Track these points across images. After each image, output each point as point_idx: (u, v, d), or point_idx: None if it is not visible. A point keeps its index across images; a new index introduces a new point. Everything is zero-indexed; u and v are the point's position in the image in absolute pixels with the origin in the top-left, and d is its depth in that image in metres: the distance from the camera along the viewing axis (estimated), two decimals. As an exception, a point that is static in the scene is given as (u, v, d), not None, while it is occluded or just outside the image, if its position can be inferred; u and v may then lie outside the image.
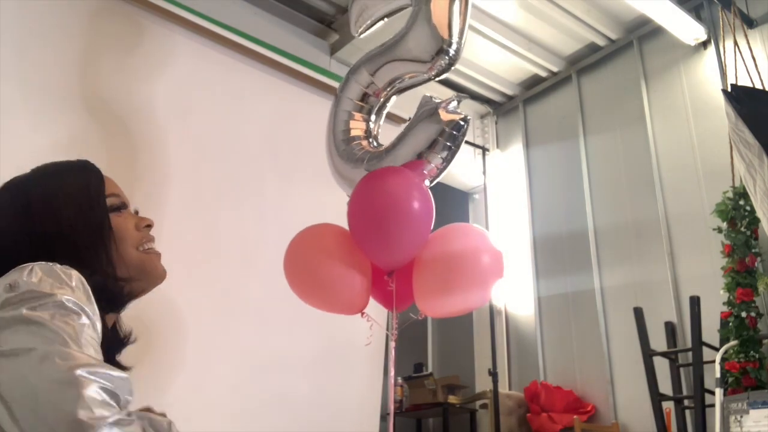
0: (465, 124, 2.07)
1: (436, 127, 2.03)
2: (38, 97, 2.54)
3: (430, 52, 2.08)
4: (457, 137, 2.06)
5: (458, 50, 2.11)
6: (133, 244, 0.99)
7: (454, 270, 1.92)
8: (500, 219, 4.98)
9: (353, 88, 2.25)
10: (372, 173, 2.02)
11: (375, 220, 1.93)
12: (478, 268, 1.93)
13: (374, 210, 1.93)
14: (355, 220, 1.97)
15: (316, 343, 2.96)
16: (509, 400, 4.24)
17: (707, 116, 3.92)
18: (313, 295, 2.07)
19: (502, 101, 5.31)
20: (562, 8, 4.26)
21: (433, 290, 1.95)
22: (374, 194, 1.94)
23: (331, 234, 2.05)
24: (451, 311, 2.10)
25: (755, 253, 3.22)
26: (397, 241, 1.93)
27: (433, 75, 2.14)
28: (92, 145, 2.62)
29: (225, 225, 2.92)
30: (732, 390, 3.00)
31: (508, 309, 4.85)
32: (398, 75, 2.19)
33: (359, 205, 1.95)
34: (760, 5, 3.84)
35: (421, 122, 2.07)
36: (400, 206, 1.91)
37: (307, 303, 2.09)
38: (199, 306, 2.66)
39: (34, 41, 2.58)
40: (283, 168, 3.19)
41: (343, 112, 2.26)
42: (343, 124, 2.25)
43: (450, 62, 2.10)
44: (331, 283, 2.00)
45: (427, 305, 1.99)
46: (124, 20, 2.86)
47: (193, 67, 3.04)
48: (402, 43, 2.15)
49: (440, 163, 2.08)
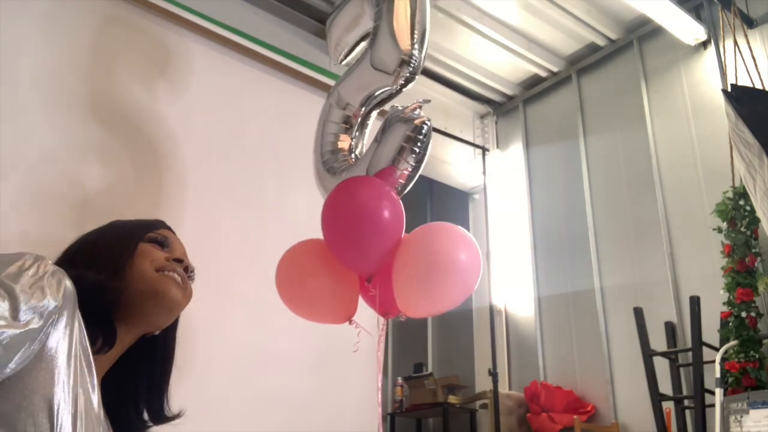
0: (426, 127, 2.14)
1: (401, 135, 2.12)
2: (39, 97, 2.54)
3: (393, 65, 2.19)
4: (422, 141, 2.13)
5: (419, 60, 2.20)
6: (152, 264, 0.98)
7: (430, 269, 1.93)
8: (500, 219, 4.98)
9: (334, 112, 2.38)
10: (340, 183, 2.08)
11: (343, 228, 1.98)
12: (454, 266, 1.94)
13: (342, 218, 1.98)
14: (327, 228, 2.02)
15: (316, 343, 2.96)
16: (509, 400, 4.24)
17: (707, 116, 3.92)
18: (304, 309, 2.15)
19: (502, 101, 5.30)
20: (562, 8, 4.26)
21: (411, 291, 1.97)
22: (341, 202, 1.99)
23: (315, 249, 2.10)
24: (432, 310, 2.15)
25: (755, 253, 3.22)
26: (367, 246, 1.97)
27: (399, 86, 2.23)
28: (92, 145, 2.62)
29: (225, 224, 2.92)
30: (732, 390, 3.00)
31: (508, 309, 4.85)
32: (369, 93, 2.29)
33: (328, 213, 2.01)
34: (760, 5, 3.84)
35: (387, 131, 2.16)
36: (367, 213, 1.95)
37: (299, 316, 2.16)
38: (199, 306, 2.65)
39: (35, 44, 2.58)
40: (283, 167, 3.20)
41: (329, 134, 2.40)
42: (330, 144, 2.38)
43: (413, 72, 2.20)
44: (318, 297, 2.08)
45: (408, 306, 2.01)
46: (124, 20, 2.86)
47: (193, 67, 3.04)
48: (365, 60, 2.25)
49: (409, 168, 2.15)
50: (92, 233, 1.03)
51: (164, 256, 1.00)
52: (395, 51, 2.19)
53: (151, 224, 1.06)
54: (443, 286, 1.93)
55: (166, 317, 1.00)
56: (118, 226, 1.05)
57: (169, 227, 1.10)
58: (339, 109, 2.36)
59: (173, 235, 1.08)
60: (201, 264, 2.88)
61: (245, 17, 3.62)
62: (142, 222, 1.06)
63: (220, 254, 2.83)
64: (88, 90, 2.69)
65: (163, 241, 1.03)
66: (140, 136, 2.78)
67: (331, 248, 2.02)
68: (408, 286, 1.96)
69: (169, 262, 1.00)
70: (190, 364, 2.57)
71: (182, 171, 2.85)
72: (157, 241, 1.02)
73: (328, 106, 2.41)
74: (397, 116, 2.15)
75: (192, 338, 2.61)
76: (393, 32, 2.20)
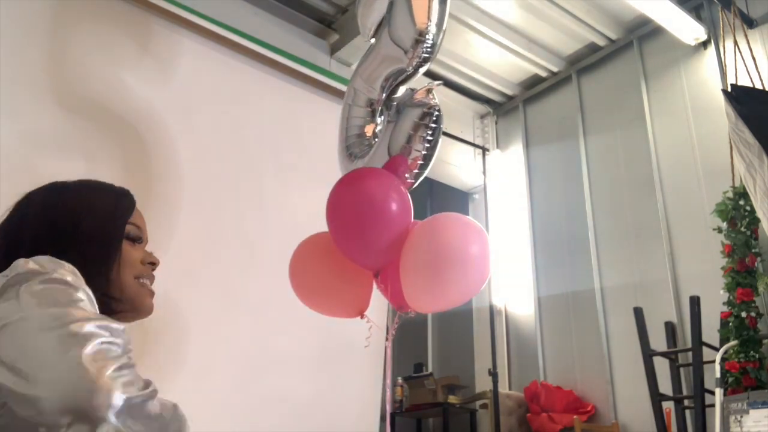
0: (438, 112, 2.07)
1: (410, 121, 2.05)
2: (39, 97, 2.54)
3: (409, 40, 2.09)
4: (434, 128, 2.05)
5: (436, 39, 2.12)
6: (132, 273, 1.03)
7: (437, 261, 1.85)
8: (500, 219, 4.98)
9: (359, 97, 2.29)
10: (343, 177, 2.02)
11: (346, 223, 1.92)
12: (463, 257, 1.87)
13: (344, 212, 1.92)
14: (331, 224, 1.96)
15: (316, 343, 2.96)
16: (509, 400, 4.24)
17: (707, 116, 3.92)
18: (316, 301, 2.12)
19: (502, 101, 5.31)
20: (562, 8, 4.26)
21: (419, 285, 1.91)
22: (343, 196, 1.94)
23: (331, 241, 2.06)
24: (441, 304, 2.06)
25: (755, 253, 3.22)
26: (371, 241, 1.91)
27: (414, 66, 2.14)
28: (91, 145, 2.62)
29: (225, 224, 2.92)
30: (732, 390, 3.00)
31: (508, 309, 4.85)
32: (387, 74, 2.20)
33: (332, 209, 1.95)
34: (760, 5, 3.84)
35: (400, 116, 2.09)
36: (369, 206, 1.89)
37: (311, 308, 2.13)
38: (199, 306, 2.66)
39: (33, 41, 2.58)
40: (283, 167, 3.19)
41: (355, 118, 2.29)
42: (355, 128, 2.28)
43: (429, 51, 2.11)
44: (332, 289, 2.05)
45: (416, 301, 1.95)
46: (124, 20, 2.86)
47: (193, 67, 3.04)
48: (383, 37, 2.16)
49: (420, 156, 2.06)
50: (69, 200, 1.01)
51: (140, 259, 1.05)
52: (413, 26, 2.07)
53: (127, 208, 1.07)
54: (451, 278, 1.87)
55: (137, 319, 1.07)
56: (95, 203, 1.03)
57: (135, 201, 1.10)
58: (362, 94, 2.27)
59: (140, 218, 1.09)
60: (201, 264, 2.88)
61: (245, 17, 3.62)
62: (118, 202, 1.06)
63: (220, 254, 2.83)
64: (85, 90, 2.68)
65: (137, 235, 1.07)
66: (139, 136, 2.78)
67: (336, 243, 1.98)
68: (413, 279, 1.90)
69: (144, 266, 1.05)
70: (189, 364, 2.57)
71: (181, 171, 2.85)
72: (132, 238, 1.05)
73: (352, 90, 2.32)
74: (407, 100, 2.10)
75: (192, 338, 2.62)
76: (412, 7, 2.08)
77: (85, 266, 0.91)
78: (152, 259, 1.07)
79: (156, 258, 1.09)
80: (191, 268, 2.61)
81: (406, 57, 2.12)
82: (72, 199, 1.02)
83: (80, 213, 1.00)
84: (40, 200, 1.01)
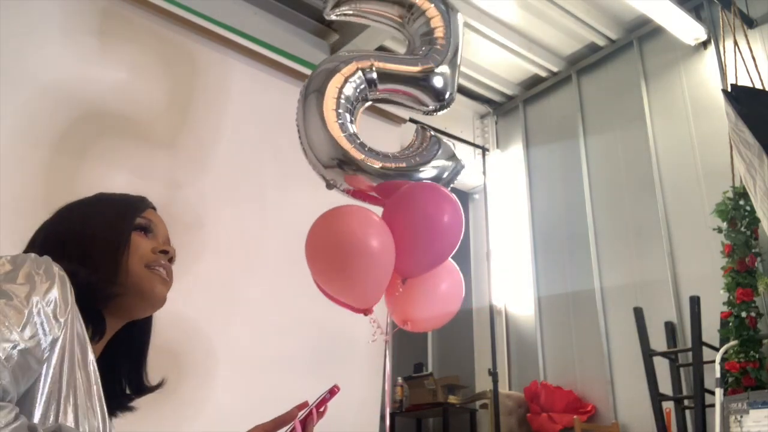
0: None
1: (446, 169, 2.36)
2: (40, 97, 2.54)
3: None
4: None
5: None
6: (142, 262, 1.00)
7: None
8: (500, 219, 4.98)
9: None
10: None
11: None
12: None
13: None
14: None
15: (316, 343, 2.96)
16: (509, 400, 4.24)
17: (707, 116, 3.92)
18: (333, 283, 1.96)
19: (502, 101, 5.31)
20: (562, 8, 4.26)
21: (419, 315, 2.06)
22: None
23: (371, 222, 1.94)
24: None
25: (755, 253, 3.22)
26: (431, 254, 2.07)
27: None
28: (90, 145, 2.62)
29: (225, 224, 2.92)
30: (732, 390, 3.00)
31: (508, 309, 4.85)
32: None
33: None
34: (760, 5, 3.84)
35: (437, 159, 2.35)
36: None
37: (320, 289, 2.02)
38: (199, 306, 2.66)
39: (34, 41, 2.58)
40: (283, 167, 3.19)
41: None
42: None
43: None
44: (357, 270, 1.88)
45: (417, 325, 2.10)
46: (123, 20, 2.86)
47: (193, 67, 3.04)
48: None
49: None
50: (77, 211, 1.03)
51: (151, 248, 1.02)
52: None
53: (137, 206, 1.06)
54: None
55: (151, 311, 1.05)
56: (105, 205, 1.05)
57: (153, 206, 1.10)
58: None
59: (157, 216, 1.08)
60: (201, 264, 2.88)
61: (245, 17, 3.62)
62: (129, 202, 1.07)
63: (220, 255, 2.83)
64: (85, 90, 2.68)
65: (148, 226, 1.05)
66: (139, 136, 2.78)
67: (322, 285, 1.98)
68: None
69: (156, 255, 1.02)
70: (190, 364, 2.57)
71: (181, 171, 2.85)
72: (143, 228, 1.03)
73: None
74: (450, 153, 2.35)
75: (193, 339, 2.62)
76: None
77: (92, 255, 0.92)
78: (163, 247, 1.04)
79: (170, 247, 1.06)
80: (191, 268, 2.61)
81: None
82: (86, 203, 1.05)
83: (92, 212, 1.02)
84: (61, 207, 1.04)
